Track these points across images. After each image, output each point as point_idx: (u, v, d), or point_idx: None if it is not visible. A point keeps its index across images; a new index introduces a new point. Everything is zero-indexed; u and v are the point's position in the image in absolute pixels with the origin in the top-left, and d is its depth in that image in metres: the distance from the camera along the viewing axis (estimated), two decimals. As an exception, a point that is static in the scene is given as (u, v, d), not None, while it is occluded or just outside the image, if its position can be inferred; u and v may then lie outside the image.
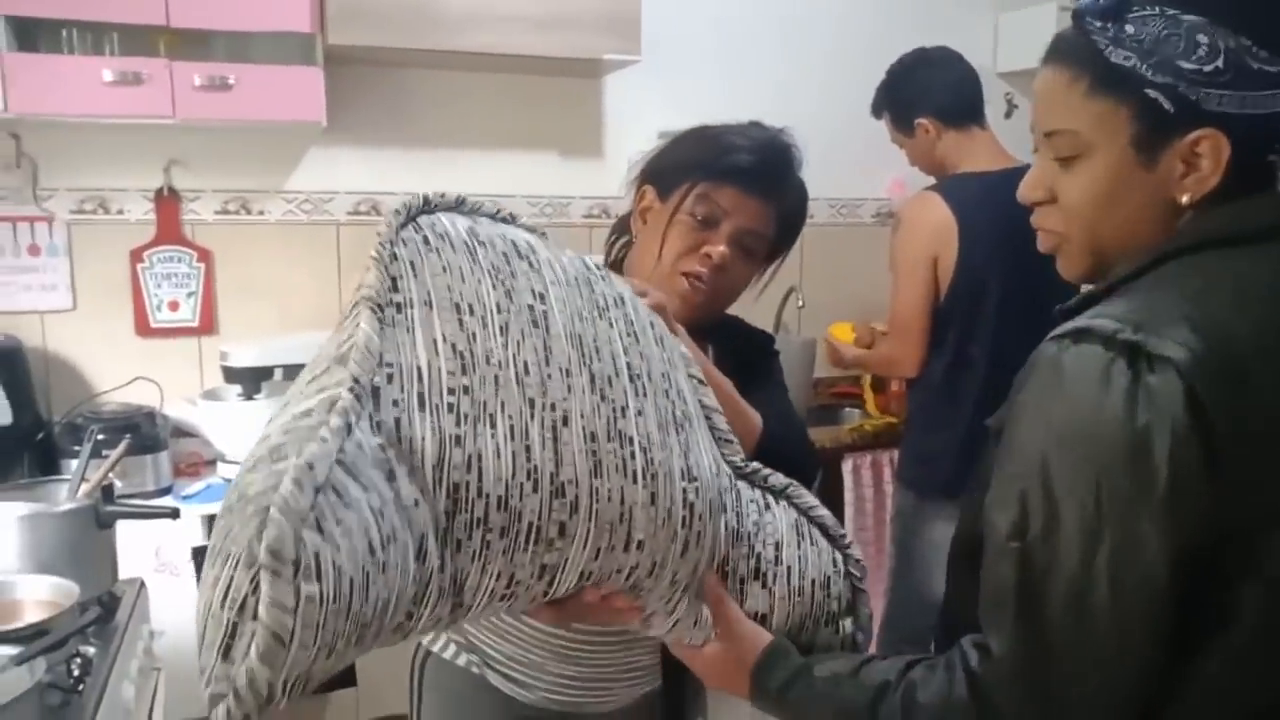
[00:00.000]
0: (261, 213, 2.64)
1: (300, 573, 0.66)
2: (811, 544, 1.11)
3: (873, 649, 2.88)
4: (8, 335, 2.35)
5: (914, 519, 2.36)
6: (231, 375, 2.36)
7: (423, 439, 0.81)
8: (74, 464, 1.73)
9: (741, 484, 1.09)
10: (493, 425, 0.84)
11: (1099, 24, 0.87)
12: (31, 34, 2.22)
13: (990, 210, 2.22)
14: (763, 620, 1.06)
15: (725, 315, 1.40)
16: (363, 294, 0.84)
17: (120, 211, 2.51)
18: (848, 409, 3.03)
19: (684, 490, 0.96)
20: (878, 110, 2.48)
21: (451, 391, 0.84)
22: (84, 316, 2.50)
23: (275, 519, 0.65)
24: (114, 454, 1.71)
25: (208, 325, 2.60)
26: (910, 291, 2.28)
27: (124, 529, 1.71)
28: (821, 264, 3.18)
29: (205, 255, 2.58)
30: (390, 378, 0.82)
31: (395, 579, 0.75)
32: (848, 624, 1.14)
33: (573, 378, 0.90)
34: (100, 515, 1.62)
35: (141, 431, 2.24)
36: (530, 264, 0.94)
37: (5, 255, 2.42)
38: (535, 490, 0.85)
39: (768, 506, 1.10)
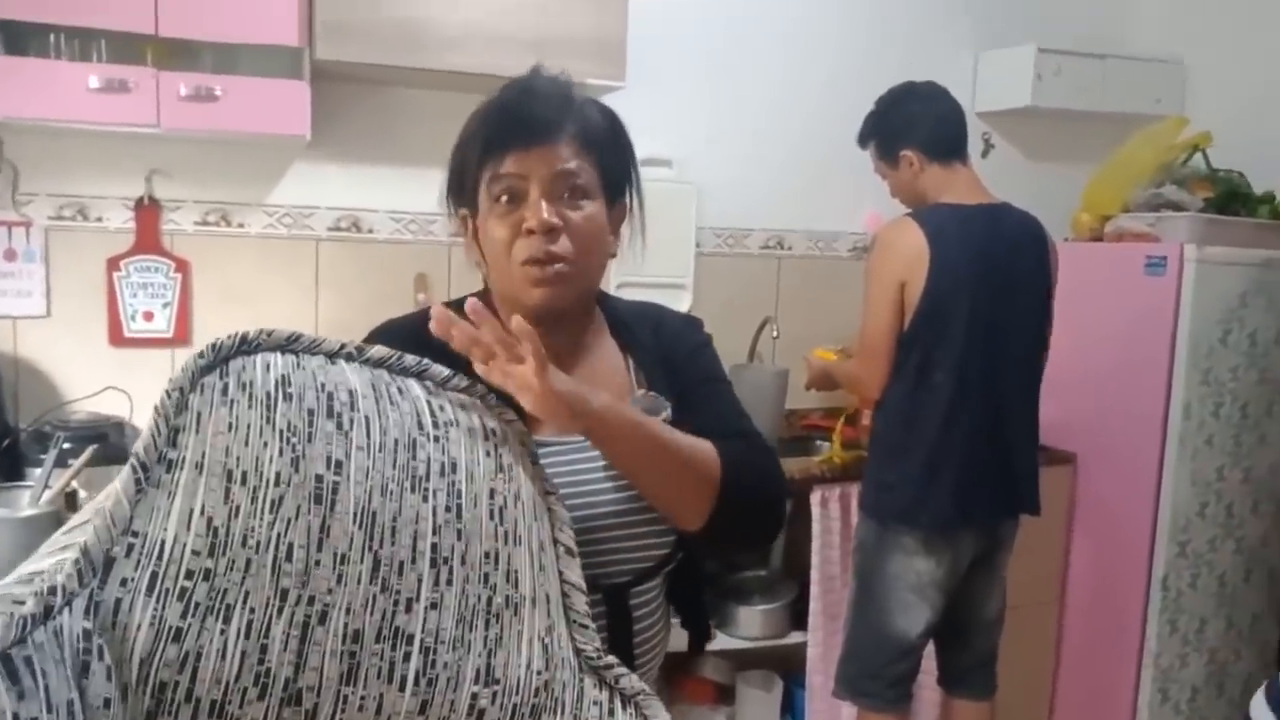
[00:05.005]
0: (242, 225, 2.63)
1: None
2: None
3: (832, 685, 2.84)
4: (-21, 339, 2.33)
5: (875, 550, 2.37)
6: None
7: (138, 627, 0.76)
8: (39, 472, 1.72)
9: (588, 679, 0.99)
10: (226, 619, 0.79)
11: None
12: (19, 38, 2.22)
13: (963, 241, 2.26)
14: None
15: (642, 309, 1.30)
16: (134, 449, 0.81)
17: (99, 219, 2.51)
18: (818, 441, 3.04)
19: (473, 696, 0.89)
20: (864, 140, 2.51)
21: (190, 575, 0.78)
22: (57, 324, 2.48)
23: None
24: (77, 462, 1.69)
25: (182, 336, 2.58)
26: (879, 314, 2.30)
27: (87, 538, 1.68)
28: (797, 295, 3.21)
29: (183, 266, 2.57)
30: (130, 549, 0.78)
31: None
32: None
33: (349, 565, 0.84)
34: (62, 522, 1.59)
35: (109, 441, 2.21)
36: (339, 424, 0.87)
37: (-20, 258, 2.41)
38: (262, 697, 0.79)
39: (612, 713, 1.00)
